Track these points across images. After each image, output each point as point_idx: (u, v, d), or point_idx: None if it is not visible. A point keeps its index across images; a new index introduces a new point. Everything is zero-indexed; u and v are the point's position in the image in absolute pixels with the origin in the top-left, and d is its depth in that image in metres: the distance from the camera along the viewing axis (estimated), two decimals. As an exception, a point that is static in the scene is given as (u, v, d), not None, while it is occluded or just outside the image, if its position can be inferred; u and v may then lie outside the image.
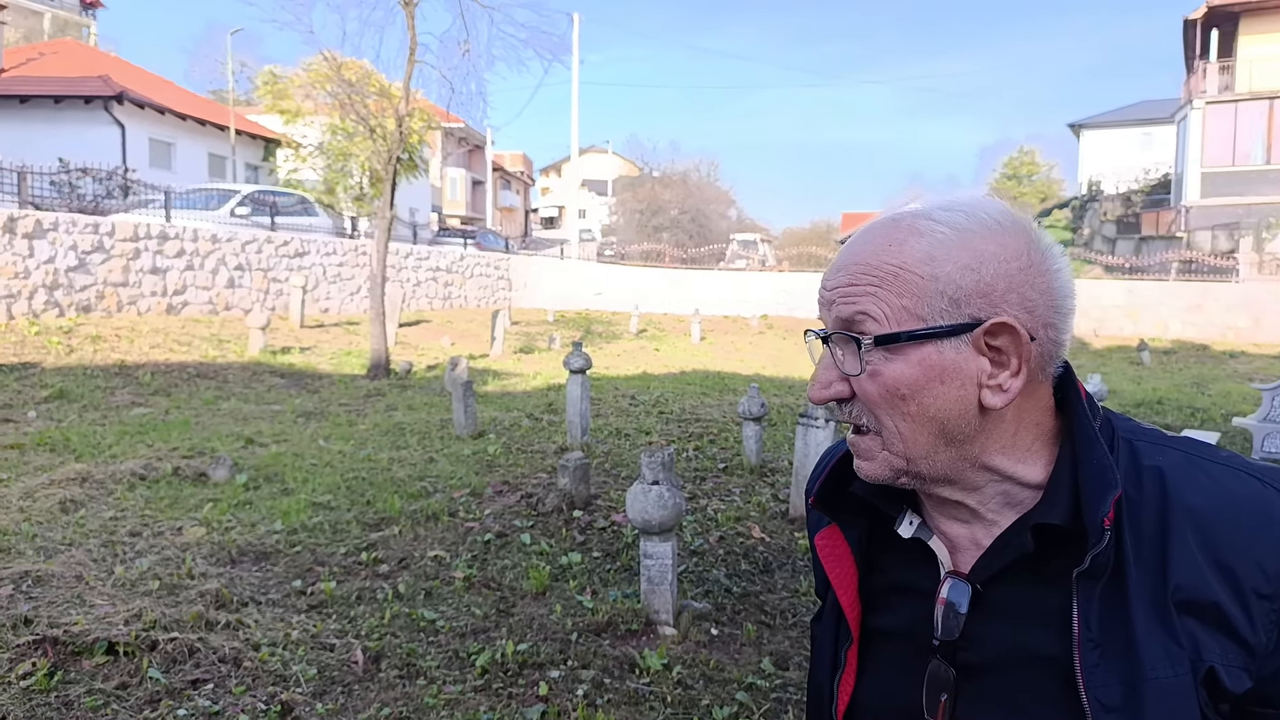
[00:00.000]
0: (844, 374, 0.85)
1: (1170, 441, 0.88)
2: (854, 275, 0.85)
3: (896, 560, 0.93)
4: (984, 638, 0.85)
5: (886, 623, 0.93)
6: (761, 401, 6.84)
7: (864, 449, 0.87)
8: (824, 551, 0.96)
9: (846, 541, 0.94)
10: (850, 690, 0.95)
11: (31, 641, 3.47)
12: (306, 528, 5.15)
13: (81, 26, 46.19)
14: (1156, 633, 0.79)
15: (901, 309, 0.83)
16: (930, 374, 0.83)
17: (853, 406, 0.86)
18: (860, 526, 0.95)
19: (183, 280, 14.66)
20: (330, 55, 13.75)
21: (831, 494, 0.96)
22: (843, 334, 0.85)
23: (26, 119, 22.85)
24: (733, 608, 4.17)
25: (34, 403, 8.64)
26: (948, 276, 0.82)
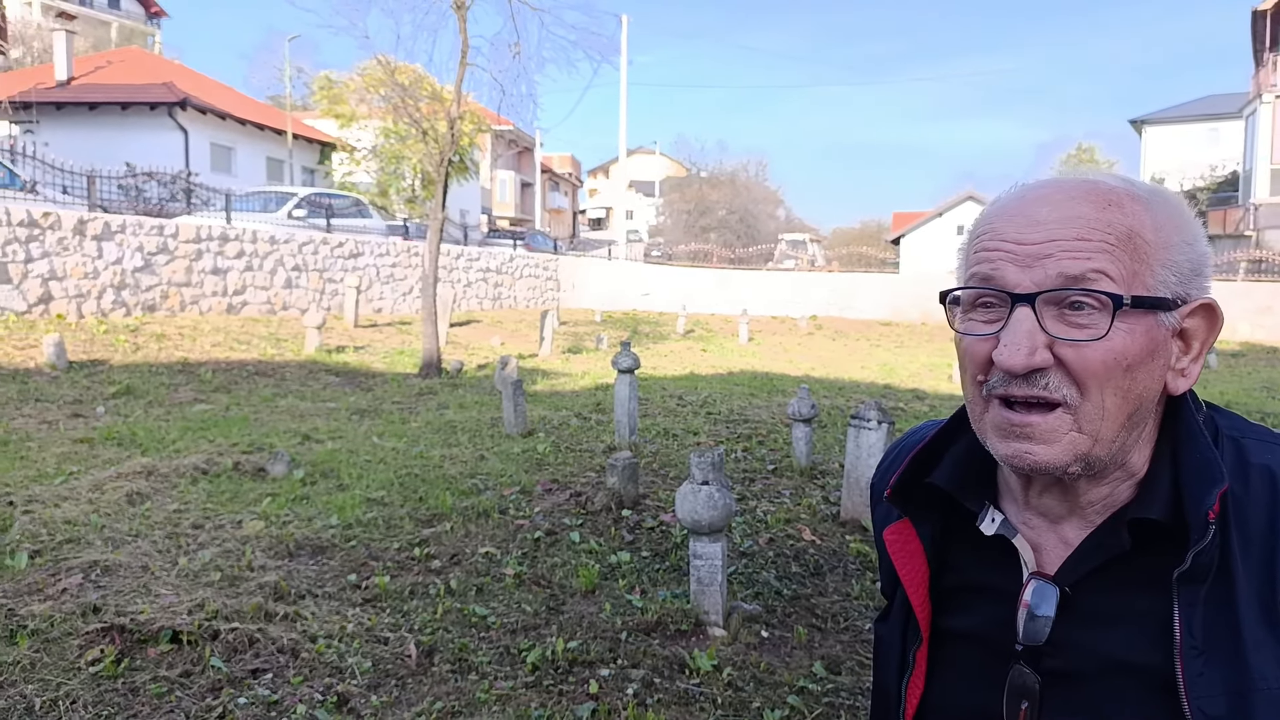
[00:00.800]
0: (1051, 338, 0.77)
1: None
2: (1082, 230, 0.77)
3: (973, 558, 0.88)
4: (1072, 643, 0.81)
5: (960, 624, 0.89)
6: (812, 403, 6.79)
7: (1045, 430, 0.77)
8: (894, 547, 0.92)
9: (919, 537, 0.90)
10: (920, 693, 0.91)
11: (100, 629, 3.59)
12: (361, 523, 5.24)
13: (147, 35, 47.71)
14: (1266, 640, 0.75)
15: (1133, 273, 0.77)
16: (1150, 348, 0.78)
17: (1048, 378, 0.77)
18: (933, 522, 0.90)
19: (242, 280, 15.04)
20: (384, 59, 13.99)
21: (906, 489, 0.91)
22: (1081, 291, 0.76)
23: (96, 125, 23.68)
24: (783, 610, 4.14)
25: (102, 398, 8.94)
26: (1175, 248, 0.79)
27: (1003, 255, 0.79)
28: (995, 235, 0.81)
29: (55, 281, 12.08)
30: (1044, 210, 0.79)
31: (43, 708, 3.06)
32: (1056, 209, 0.79)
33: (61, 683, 3.22)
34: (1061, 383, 0.77)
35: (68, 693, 3.15)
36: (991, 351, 0.79)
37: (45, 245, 11.98)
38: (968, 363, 0.82)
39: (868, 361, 16.97)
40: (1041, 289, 0.77)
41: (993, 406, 0.80)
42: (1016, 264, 0.78)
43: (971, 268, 0.83)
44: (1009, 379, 0.78)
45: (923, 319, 24.76)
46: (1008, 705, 0.83)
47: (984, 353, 0.80)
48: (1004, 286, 0.79)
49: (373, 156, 26.51)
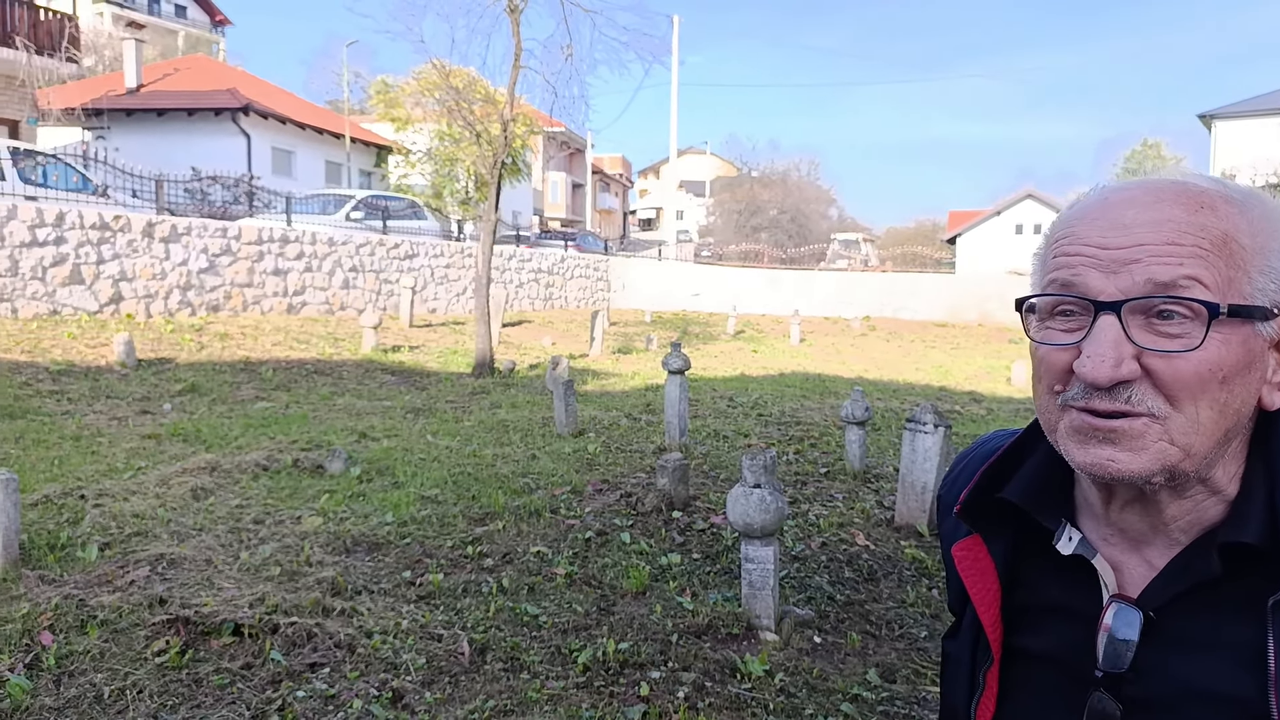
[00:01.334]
0: (1139, 349, 0.73)
1: None
2: (1173, 233, 0.73)
3: (1048, 578, 0.85)
4: (1156, 671, 0.77)
5: (1034, 645, 0.85)
6: (866, 405, 6.70)
7: (1132, 435, 0.73)
8: (963, 564, 0.88)
9: (990, 554, 0.87)
10: (990, 715, 0.88)
11: (165, 621, 3.70)
12: (415, 520, 5.32)
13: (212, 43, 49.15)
14: None
15: (1228, 280, 0.73)
16: (1247, 359, 0.74)
17: (1133, 390, 0.73)
18: (1005, 538, 0.86)
19: (302, 281, 15.39)
20: (439, 63, 14.19)
21: (977, 504, 0.87)
22: (1172, 299, 0.72)
23: (163, 130, 24.46)
24: (836, 616, 4.09)
25: (169, 396, 9.23)
26: (1273, 254, 0.75)
27: (1085, 260, 0.75)
28: (1076, 239, 0.77)
29: (125, 282, 12.50)
30: (1130, 213, 0.75)
31: (111, 696, 3.17)
32: (1144, 211, 0.75)
33: (129, 672, 3.32)
34: (1148, 395, 0.73)
35: (135, 682, 3.25)
36: (1071, 362, 0.75)
37: (116, 247, 12.40)
38: (1044, 372, 0.78)
39: (922, 363, 16.70)
40: (1128, 296, 0.73)
41: (1070, 413, 0.76)
42: (1100, 269, 0.75)
43: (1050, 273, 0.79)
44: (1090, 391, 0.74)
45: (980, 320, 24.28)
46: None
47: (1063, 363, 0.76)
48: (1086, 293, 0.75)
49: (427, 159, 26.91)
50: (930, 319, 24.66)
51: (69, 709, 3.09)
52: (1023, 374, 14.45)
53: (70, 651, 3.44)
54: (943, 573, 4.64)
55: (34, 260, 11.42)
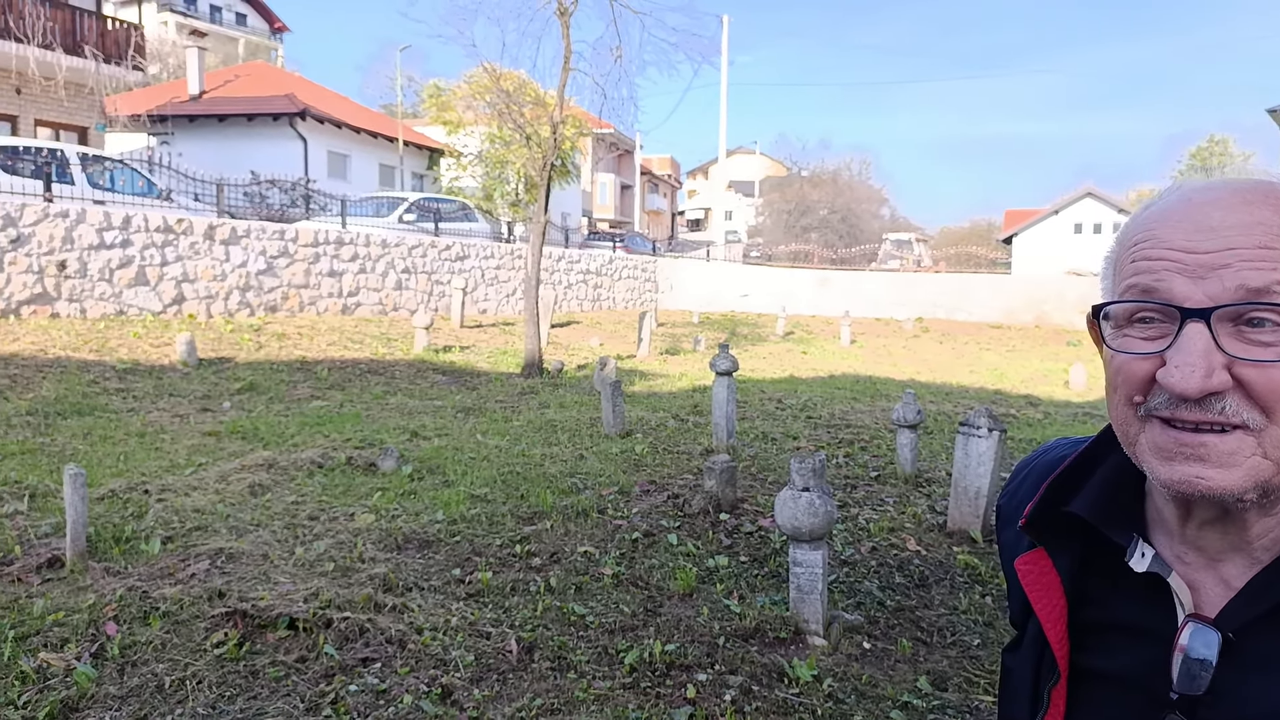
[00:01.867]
0: (1230, 358, 0.70)
1: None
2: (1265, 237, 0.70)
3: (1117, 595, 0.82)
4: (1234, 694, 0.74)
5: (1102, 664, 0.82)
6: (918, 408, 6.59)
7: (1223, 451, 0.70)
8: (1027, 578, 0.85)
9: (1055, 569, 0.84)
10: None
11: (224, 613, 3.79)
12: (465, 518, 5.38)
13: (270, 49, 50.39)
14: None
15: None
16: None
17: (1225, 401, 0.70)
18: (1071, 552, 0.84)
19: (356, 282, 15.69)
20: (490, 66, 14.35)
21: (1044, 517, 0.85)
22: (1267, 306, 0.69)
23: (224, 135, 25.15)
24: (886, 621, 4.03)
25: (228, 394, 9.48)
26: None
27: (1169, 265, 0.72)
28: (1159, 243, 0.73)
29: (187, 283, 12.88)
30: (1217, 214, 0.71)
31: (171, 686, 3.26)
32: (1233, 213, 0.71)
33: (189, 663, 3.41)
34: (1242, 406, 0.69)
35: (194, 673, 3.34)
36: (1153, 372, 0.72)
37: (179, 249, 12.78)
38: (1121, 382, 0.75)
39: (976, 365, 16.39)
40: (1218, 303, 0.70)
41: (1152, 425, 0.73)
42: (1186, 275, 0.71)
43: (1128, 278, 0.75)
44: (1177, 402, 0.70)
45: (1036, 321, 23.75)
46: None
47: (1143, 373, 0.72)
48: (1171, 300, 0.71)
49: (478, 161, 27.24)
50: (985, 320, 24.19)
51: (131, 698, 3.18)
52: (1081, 377, 14.09)
53: (133, 642, 3.54)
54: (996, 579, 4.55)
55: (101, 262, 11.83)
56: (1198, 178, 0.77)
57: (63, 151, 13.28)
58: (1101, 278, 0.81)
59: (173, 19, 45.36)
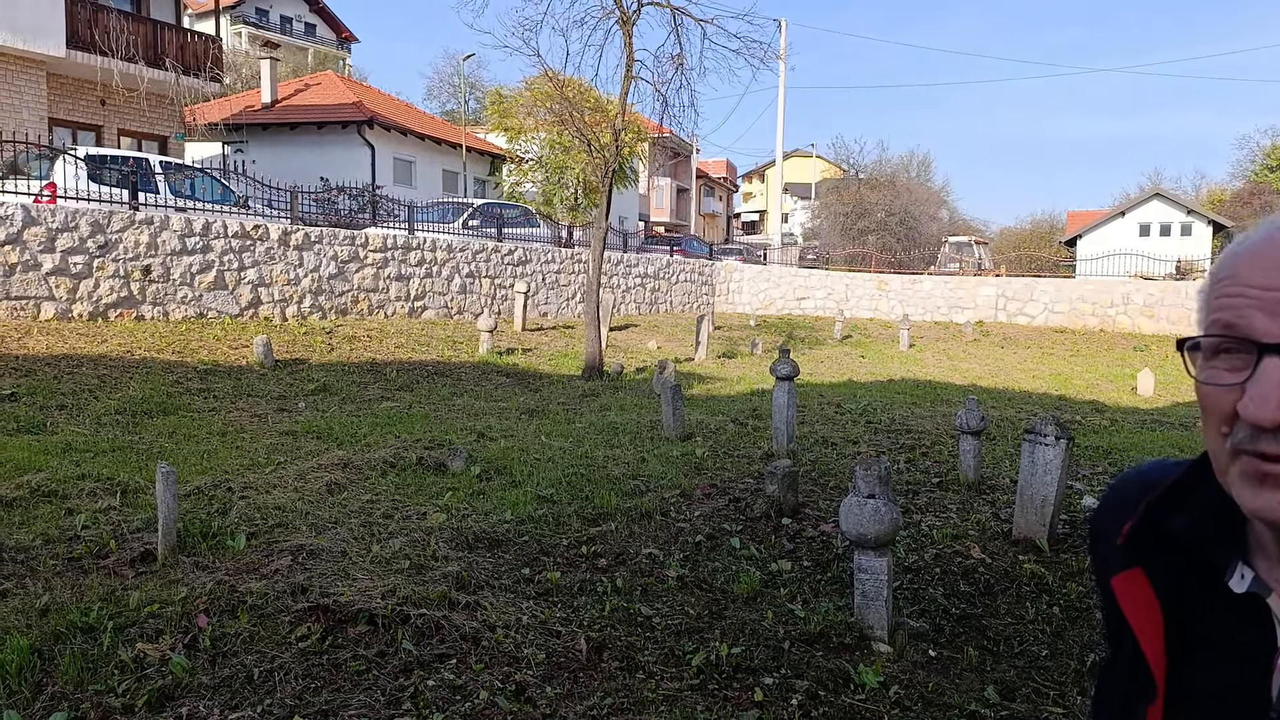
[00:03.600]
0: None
1: None
2: None
3: (1215, 615, 0.83)
4: None
5: (1201, 684, 0.83)
6: (981, 414, 6.54)
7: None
8: (1125, 598, 0.87)
9: (1152, 588, 0.86)
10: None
11: (307, 608, 3.97)
12: (533, 519, 5.51)
13: (339, 59, 51.72)
14: None
15: None
16: None
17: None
18: (1170, 572, 0.85)
19: (422, 286, 16.06)
20: (552, 73, 14.57)
21: (1143, 535, 0.87)
22: None
23: (295, 143, 25.92)
24: (951, 630, 4.04)
25: (303, 395, 9.82)
26: None
27: (1248, 301, 0.75)
28: (1238, 280, 0.76)
29: (263, 288, 13.35)
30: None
31: (260, 677, 3.43)
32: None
33: (275, 655, 3.58)
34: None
35: (281, 665, 3.51)
36: (1235, 403, 0.74)
37: (255, 255, 13.26)
38: (1209, 414, 0.78)
39: (1039, 371, 16.06)
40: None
41: (1241, 457, 0.75)
42: (1265, 311, 0.74)
43: (1213, 314, 0.78)
44: (1258, 434, 0.73)
45: (1101, 326, 23.11)
46: None
47: (1229, 404, 0.75)
48: (1250, 335, 0.74)
49: (538, 167, 27.59)
50: (1047, 325, 23.63)
51: (223, 688, 3.36)
52: (1149, 383, 13.71)
53: (223, 634, 3.73)
54: (1064, 590, 4.51)
55: (183, 267, 12.34)
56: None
57: (147, 160, 13.88)
58: (1197, 310, 0.84)
59: (245, 30, 46.91)
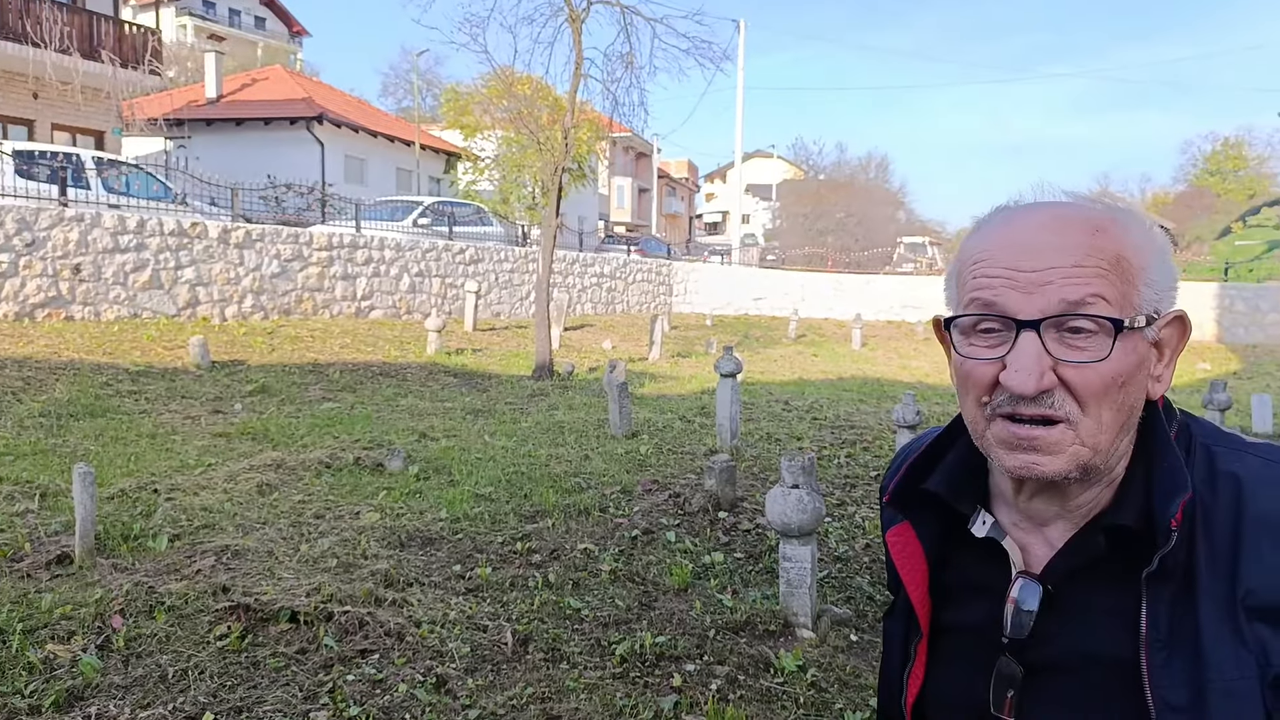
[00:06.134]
0: (1055, 360, 0.81)
1: (1250, 448, 0.87)
2: (1079, 256, 0.81)
3: (969, 558, 0.94)
4: (1053, 637, 0.86)
5: (957, 619, 0.94)
6: (917, 409, 6.63)
7: (1050, 443, 0.82)
8: (896, 548, 0.98)
9: (918, 539, 0.96)
10: (919, 683, 0.97)
11: (228, 607, 3.89)
12: (469, 517, 5.46)
13: (289, 53, 50.87)
14: (1225, 636, 0.79)
15: (1124, 295, 0.82)
16: (1139, 362, 0.83)
17: (1053, 398, 0.81)
18: (932, 524, 0.95)
19: (370, 286, 15.85)
20: (503, 71, 14.48)
21: (906, 492, 0.97)
22: (1084, 316, 0.80)
23: (241, 139, 25.45)
24: (874, 615, 4.09)
25: (240, 396, 9.63)
26: (1152, 267, 0.84)
27: (1004, 282, 0.83)
28: (994, 263, 0.84)
29: (201, 287, 13.08)
30: (1041, 237, 0.83)
31: (175, 676, 3.35)
32: (1053, 236, 0.83)
33: (192, 654, 3.51)
34: (1065, 401, 0.81)
35: (197, 664, 3.43)
36: (996, 374, 0.83)
37: (193, 253, 12.98)
38: (970, 385, 0.86)
39: (988, 367, 16.33)
40: (1045, 315, 0.81)
41: (996, 422, 0.84)
42: (1018, 290, 0.82)
43: (970, 294, 0.85)
44: (1016, 400, 0.82)
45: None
46: (994, 693, 0.89)
47: (989, 376, 0.84)
48: (1007, 312, 0.82)
49: (494, 165, 27.41)
50: (998, 323, 24.03)
51: (135, 687, 3.28)
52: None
53: (138, 634, 3.64)
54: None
55: (116, 266, 12.03)
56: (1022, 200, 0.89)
57: (78, 156, 13.52)
58: (946, 286, 0.92)
59: (191, 23, 45.95)
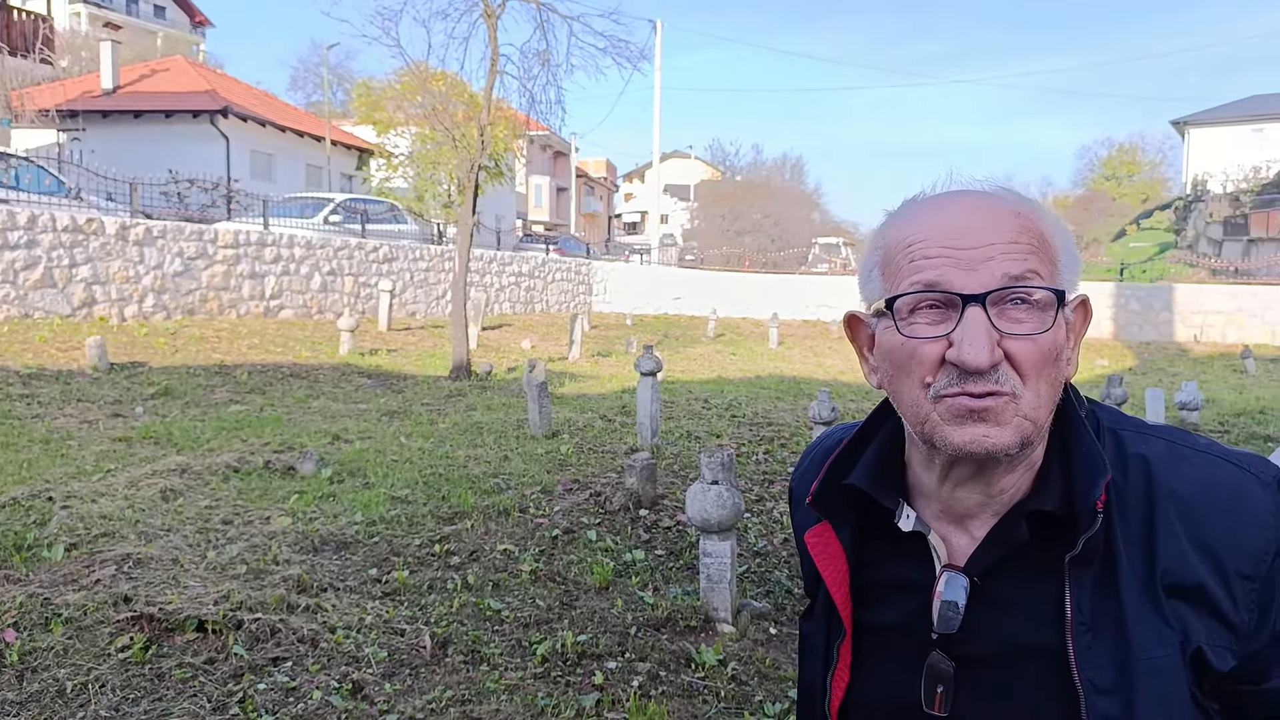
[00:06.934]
0: (1002, 334, 0.81)
1: (1155, 431, 0.90)
2: (1014, 233, 0.83)
3: (889, 555, 0.93)
4: (981, 630, 0.86)
5: (880, 617, 0.93)
6: (832, 406, 6.80)
7: (998, 412, 0.81)
8: (815, 549, 0.96)
9: (838, 538, 0.94)
10: (845, 685, 0.95)
11: (130, 618, 3.73)
12: (385, 520, 5.36)
13: (191, 44, 48.84)
14: (1146, 615, 0.81)
15: (1051, 273, 0.84)
16: (1063, 338, 0.85)
17: (1000, 372, 0.81)
18: (851, 522, 0.94)
19: (279, 285, 15.36)
20: (417, 67, 14.22)
21: (827, 492, 0.95)
22: (1026, 289, 0.81)
23: (140, 133, 24.31)
24: (793, 608, 4.18)
25: (141, 399, 9.21)
26: (1066, 250, 0.86)
27: (945, 260, 0.82)
28: (932, 243, 0.83)
29: (99, 286, 12.45)
30: (976, 218, 0.84)
31: (73, 690, 3.20)
32: (987, 216, 0.84)
33: (92, 667, 3.36)
34: (1009, 375, 0.81)
35: (97, 677, 3.29)
36: (942, 353, 0.82)
37: (89, 251, 12.36)
38: (914, 366, 0.84)
39: (898, 365, 16.84)
40: (988, 289, 0.81)
41: (944, 400, 0.82)
42: (961, 268, 0.82)
43: (910, 276, 0.84)
44: (965, 377, 0.81)
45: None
46: (925, 690, 0.88)
47: (934, 355, 0.82)
48: (951, 289, 0.81)
49: (409, 162, 26.89)
50: (908, 322, 24.79)
51: (31, 703, 3.12)
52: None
53: (33, 648, 3.46)
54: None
55: (5, 263, 11.36)
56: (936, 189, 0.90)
57: (-37, 148, 12.72)
58: (865, 280, 0.91)
59: (85, 10, 43.67)
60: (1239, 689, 0.84)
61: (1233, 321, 21.13)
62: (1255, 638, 0.82)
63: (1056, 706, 0.82)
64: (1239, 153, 37.28)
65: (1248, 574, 0.81)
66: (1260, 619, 0.82)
